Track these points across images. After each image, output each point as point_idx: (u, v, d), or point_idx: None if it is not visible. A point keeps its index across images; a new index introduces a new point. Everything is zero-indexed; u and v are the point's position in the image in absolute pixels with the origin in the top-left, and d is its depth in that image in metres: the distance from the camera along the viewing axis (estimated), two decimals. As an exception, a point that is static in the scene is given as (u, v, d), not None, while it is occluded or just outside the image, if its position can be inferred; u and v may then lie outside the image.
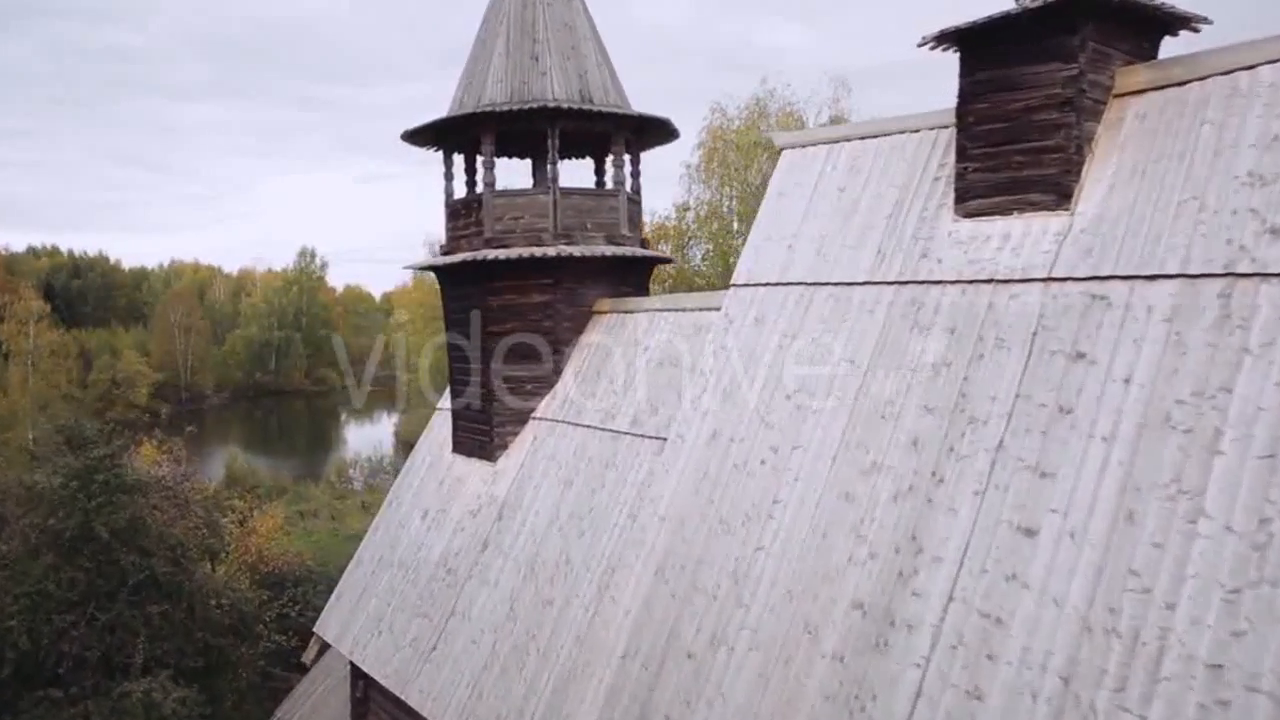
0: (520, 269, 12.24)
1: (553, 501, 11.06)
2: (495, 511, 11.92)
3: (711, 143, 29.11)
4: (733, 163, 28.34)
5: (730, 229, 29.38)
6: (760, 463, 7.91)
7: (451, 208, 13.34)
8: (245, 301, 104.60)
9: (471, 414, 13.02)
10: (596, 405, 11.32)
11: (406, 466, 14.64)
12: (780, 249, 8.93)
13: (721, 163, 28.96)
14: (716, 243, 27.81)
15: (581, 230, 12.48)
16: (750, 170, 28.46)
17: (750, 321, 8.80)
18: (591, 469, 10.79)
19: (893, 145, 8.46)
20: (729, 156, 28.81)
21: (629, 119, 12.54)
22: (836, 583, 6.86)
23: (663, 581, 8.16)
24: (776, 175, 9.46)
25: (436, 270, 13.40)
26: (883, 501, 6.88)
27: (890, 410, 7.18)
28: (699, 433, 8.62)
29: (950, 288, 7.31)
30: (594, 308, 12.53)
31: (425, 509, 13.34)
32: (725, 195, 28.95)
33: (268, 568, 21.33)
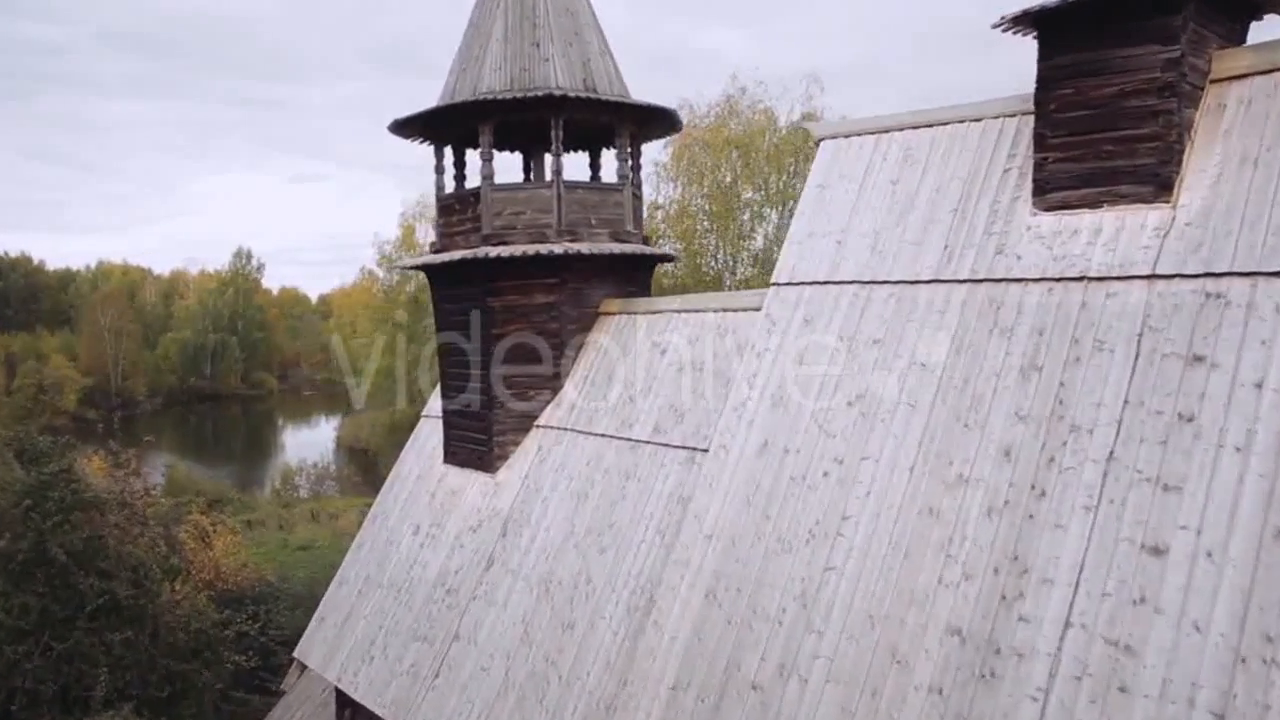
0: (523, 267, 11.50)
1: (565, 516, 10.35)
2: (499, 527, 11.15)
3: (681, 141, 28.55)
4: (702, 162, 27.83)
5: (699, 228, 28.88)
6: (823, 475, 7.33)
7: (443, 203, 12.53)
8: (178, 304, 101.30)
9: (467, 422, 12.24)
10: (610, 412, 10.64)
11: (391, 478, 13.76)
12: (828, 245, 8.37)
13: (691, 161, 28.44)
14: (687, 242, 27.26)
15: (586, 226, 11.79)
16: (721, 169, 28.00)
17: (798, 323, 8.23)
18: (609, 481, 10.11)
19: (951, 135, 7.96)
20: (699, 155, 28.31)
21: (635, 110, 11.88)
22: (926, 607, 6.30)
23: (715, 605, 7.53)
24: (817, 167, 8.91)
25: (427, 269, 12.58)
26: (974, 517, 6.35)
27: (974, 418, 6.66)
28: (746, 443, 8.01)
29: (1034, 286, 6.81)
30: (600, 308, 11.85)
31: (416, 524, 12.51)
32: (695, 194, 28.44)
33: (226, 584, 20.16)
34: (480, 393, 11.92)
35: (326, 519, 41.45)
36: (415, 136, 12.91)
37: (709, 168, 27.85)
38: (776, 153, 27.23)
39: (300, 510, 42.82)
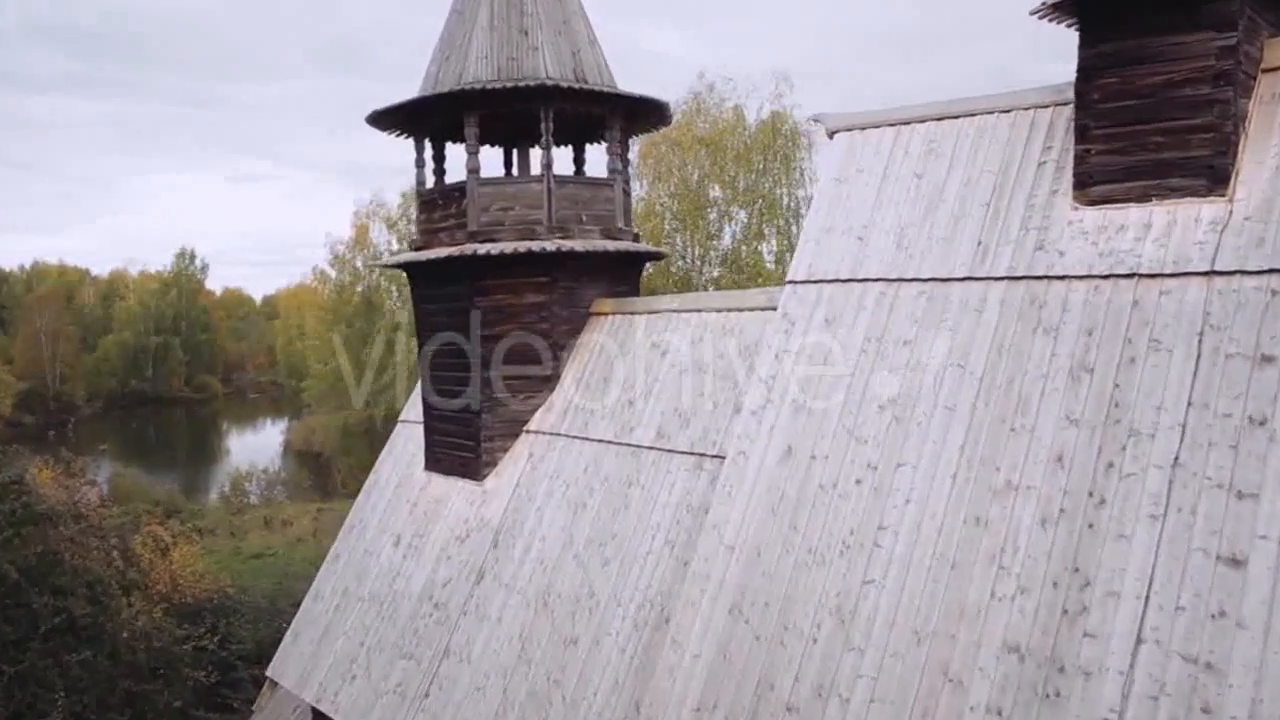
0: (512, 266, 10.99)
1: (562, 526, 9.87)
2: (489, 538, 10.63)
3: (648, 140, 28.14)
4: (670, 160, 27.44)
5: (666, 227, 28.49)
6: (855, 483, 6.96)
7: (425, 198, 11.97)
8: (118, 305, 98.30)
9: (452, 427, 11.69)
10: (608, 416, 10.18)
11: (367, 486, 13.14)
12: (848, 241, 8.01)
13: (659, 160, 28.03)
14: (654, 241, 26.84)
15: (577, 223, 11.32)
16: (688, 168, 27.65)
17: (819, 323, 7.85)
18: (610, 489, 9.65)
19: (979, 127, 7.65)
20: (666, 154, 27.92)
21: (627, 101, 11.44)
22: (979, 622, 5.96)
23: (740, 621, 7.12)
24: (833, 161, 8.54)
25: (408, 268, 12.00)
26: (1026, 527, 6.02)
27: (1022, 422, 6.34)
28: (768, 450, 7.61)
29: (1078, 283, 6.52)
30: (592, 308, 11.38)
31: (397, 535, 11.92)
32: (661, 193, 28.04)
33: (183, 597, 19.28)
34: (466, 397, 11.38)
35: (280, 526, 40.33)
36: (393, 129, 12.33)
37: (676, 166, 27.48)
38: (745, 151, 26.95)
39: (252, 517, 41.61)
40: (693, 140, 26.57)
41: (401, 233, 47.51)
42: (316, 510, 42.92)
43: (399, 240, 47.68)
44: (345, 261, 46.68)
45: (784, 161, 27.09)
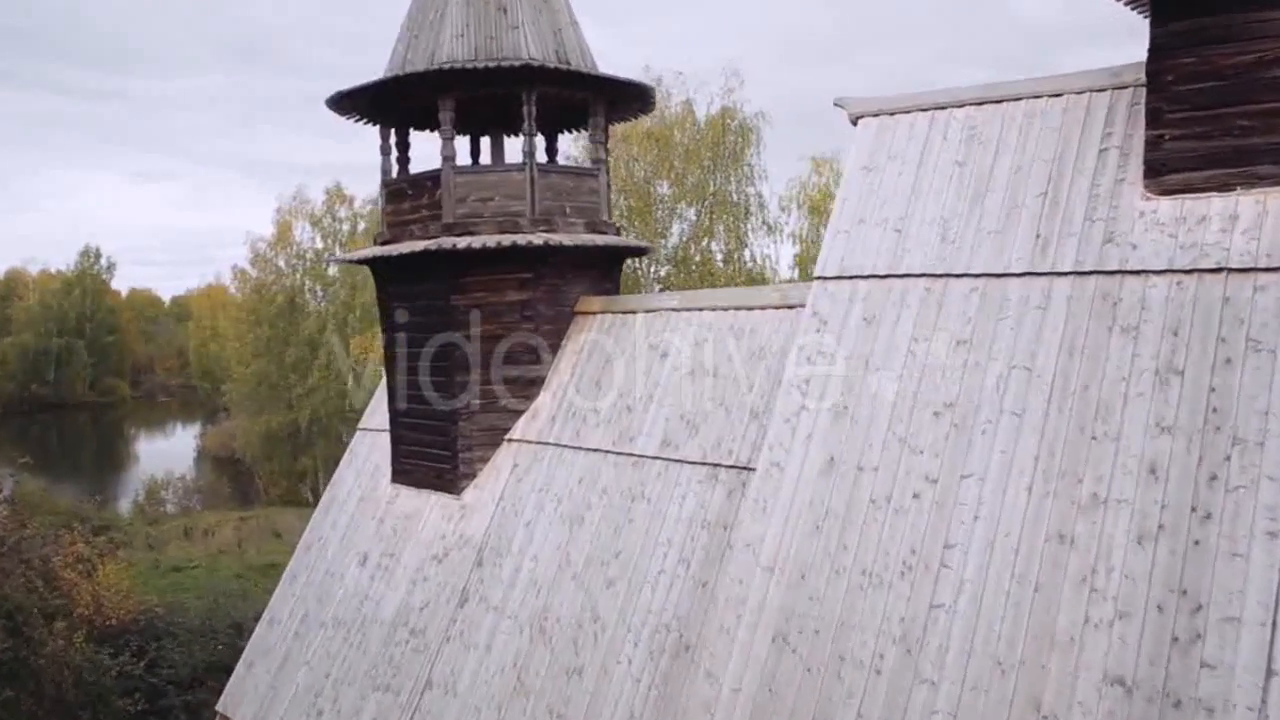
0: (494, 261, 10.15)
1: (557, 544, 9.08)
2: (471, 556, 9.77)
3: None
4: (616, 154, 26.68)
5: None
6: (913, 497, 6.36)
7: (393, 188, 11.03)
8: (17, 305, 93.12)
9: (424, 436, 10.78)
10: (604, 424, 9.42)
11: (326, 501, 12.12)
12: (884, 234, 7.43)
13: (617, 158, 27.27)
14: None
15: (561, 215, 10.53)
16: (635, 163, 26.95)
17: (856, 322, 7.24)
18: (610, 502, 8.90)
19: (1026, 112, 7.13)
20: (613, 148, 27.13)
21: (612, 85, 10.69)
22: (1073, 651, 5.41)
23: (787, 650, 6.45)
24: (859, 147, 7.95)
25: (375, 263, 11.04)
26: (1120, 544, 5.49)
27: (1104, 429, 5.81)
28: (807, 460, 6.97)
29: (1157, 278, 6.03)
30: (578, 307, 10.61)
31: (363, 554, 10.96)
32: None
33: (107, 620, 17.84)
34: (442, 402, 10.49)
35: (200, 536, 38.39)
36: (354, 113, 11.36)
37: (623, 161, 26.75)
38: (695, 147, 26.40)
39: (170, 527, 39.51)
40: (640, 135, 25.89)
41: (326, 229, 45.82)
42: (239, 519, 41.03)
43: (324, 238, 45.96)
44: (267, 260, 44.72)
45: (734, 158, 26.63)
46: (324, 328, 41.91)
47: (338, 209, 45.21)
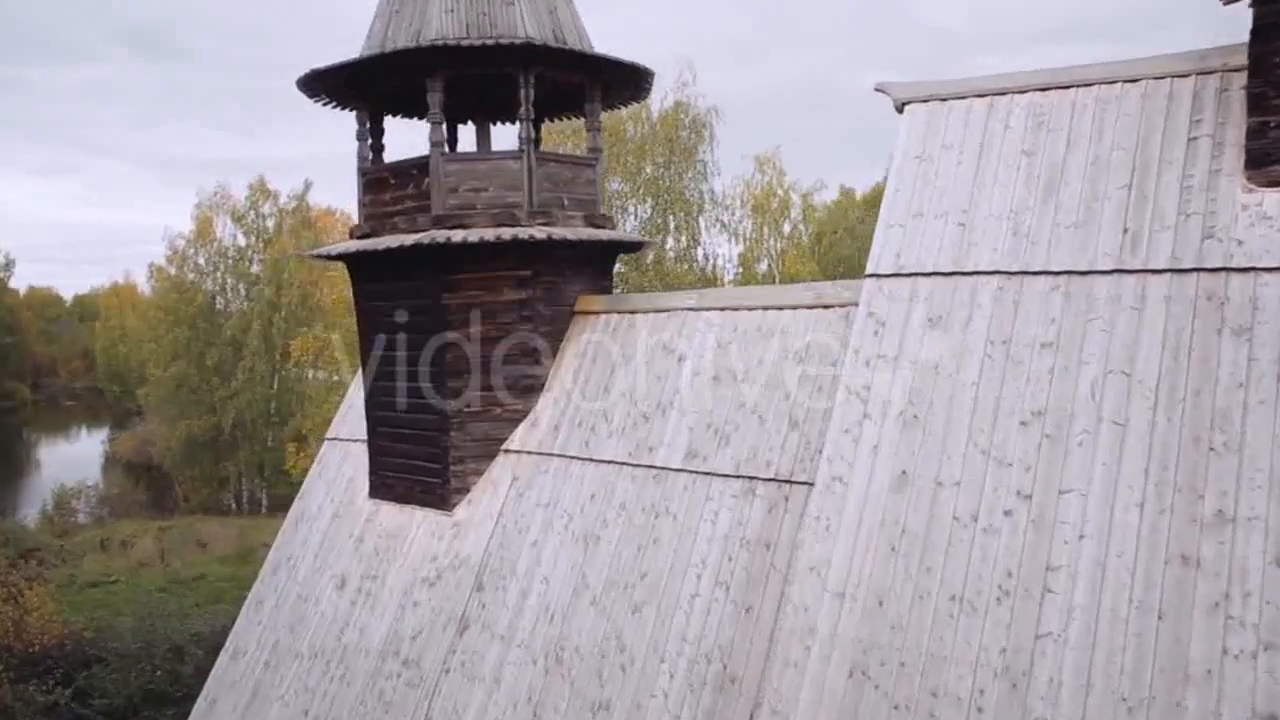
0: (489, 257, 9.33)
1: (571, 565, 8.32)
2: (469, 579, 8.95)
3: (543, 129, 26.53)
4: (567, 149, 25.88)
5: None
6: (1003, 514, 5.81)
7: (372, 177, 10.10)
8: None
9: (408, 447, 9.90)
10: (617, 434, 8.70)
11: (293, 518, 11.11)
12: (946, 227, 6.88)
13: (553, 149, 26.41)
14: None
15: (559, 208, 9.76)
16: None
17: (920, 323, 6.67)
18: (630, 520, 8.18)
19: (1100, 98, 6.66)
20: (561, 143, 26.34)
21: (611, 68, 9.95)
22: (1212, 685, 4.91)
23: (869, 686, 5.84)
24: (908, 135, 7.40)
25: (352, 259, 10.09)
26: (1256, 566, 5.02)
27: (1223, 440, 5.34)
28: (873, 475, 6.37)
29: (1269, 276, 5.59)
30: (577, 306, 9.85)
31: (341, 577, 10.02)
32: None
33: (30, 646, 16.38)
34: (429, 410, 9.63)
35: (118, 548, 36.29)
36: (325, 96, 10.40)
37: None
38: (647, 142, 25.74)
39: (84, 539, 37.26)
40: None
41: (249, 226, 43.86)
42: (159, 529, 38.94)
43: (246, 234, 43.97)
44: (186, 258, 42.56)
45: (687, 154, 26.06)
46: (248, 328, 40.03)
47: (262, 205, 43.31)
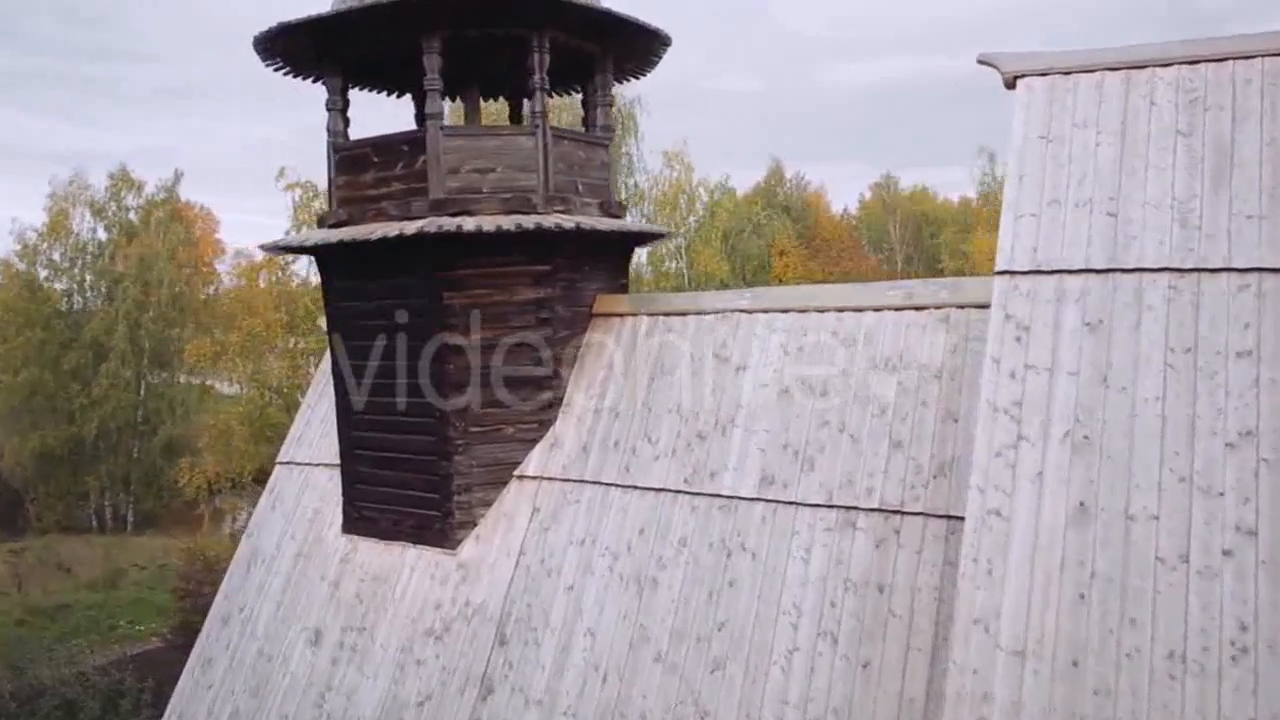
0: (499, 249, 7.95)
1: (623, 614, 7.05)
2: (488, 632, 7.54)
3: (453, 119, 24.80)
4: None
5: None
6: (1223, 554, 4.91)
7: (349, 154, 8.54)
8: None
9: (394, 474, 8.40)
10: (666, 456, 7.47)
11: (243, 558, 9.39)
12: (1092, 218, 5.96)
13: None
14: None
15: (574, 193, 8.45)
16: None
17: (1074, 328, 5.73)
18: (695, 558, 6.98)
19: (1267, 73, 5.87)
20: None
21: (630, 30, 8.64)
22: None
23: (1074, 768, 4.84)
24: (1028, 113, 6.45)
25: (323, 251, 8.49)
26: None
27: None
28: (1043, 507, 5.38)
29: None
30: (597, 308, 8.56)
31: (315, 630, 8.41)
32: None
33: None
34: (428, 430, 8.16)
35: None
36: (283, 60, 8.78)
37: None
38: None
39: (-81, 568, 33.00)
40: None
41: (111, 219, 40.09)
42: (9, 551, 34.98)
43: (108, 228, 40.18)
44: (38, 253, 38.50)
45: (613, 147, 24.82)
46: (112, 329, 36.46)
47: (125, 196, 39.61)
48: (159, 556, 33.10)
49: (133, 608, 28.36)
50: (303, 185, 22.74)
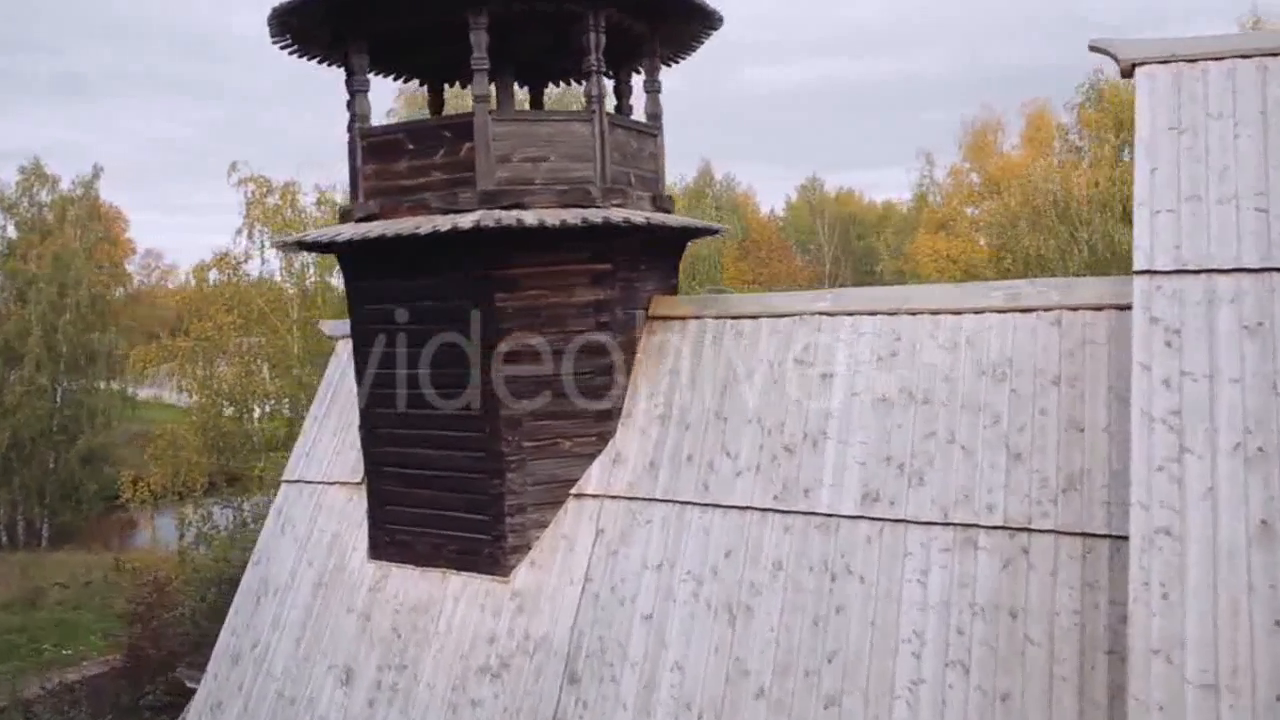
0: (555, 246, 7.26)
1: (714, 645, 6.44)
2: (555, 668, 6.85)
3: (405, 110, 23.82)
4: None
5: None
6: None
7: (378, 140, 7.73)
8: None
9: (434, 494, 7.63)
10: (748, 471, 6.88)
11: (249, 589, 8.48)
12: (1240, 214, 5.58)
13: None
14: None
15: (627, 185, 7.80)
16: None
17: (1232, 330, 5.34)
18: (794, 583, 6.40)
19: None
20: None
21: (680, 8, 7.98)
22: None
23: (1290, 815, 4.42)
24: (1152, 102, 6.06)
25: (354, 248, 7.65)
26: None
27: None
28: (1220, 526, 4.96)
29: None
30: (653, 310, 7.92)
31: (344, 668, 7.58)
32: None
33: None
34: (474, 445, 7.42)
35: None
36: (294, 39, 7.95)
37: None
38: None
39: None
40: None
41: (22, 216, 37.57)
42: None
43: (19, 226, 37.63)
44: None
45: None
46: (26, 333, 34.10)
47: (37, 191, 37.16)
48: (81, 574, 31.11)
49: (57, 630, 26.50)
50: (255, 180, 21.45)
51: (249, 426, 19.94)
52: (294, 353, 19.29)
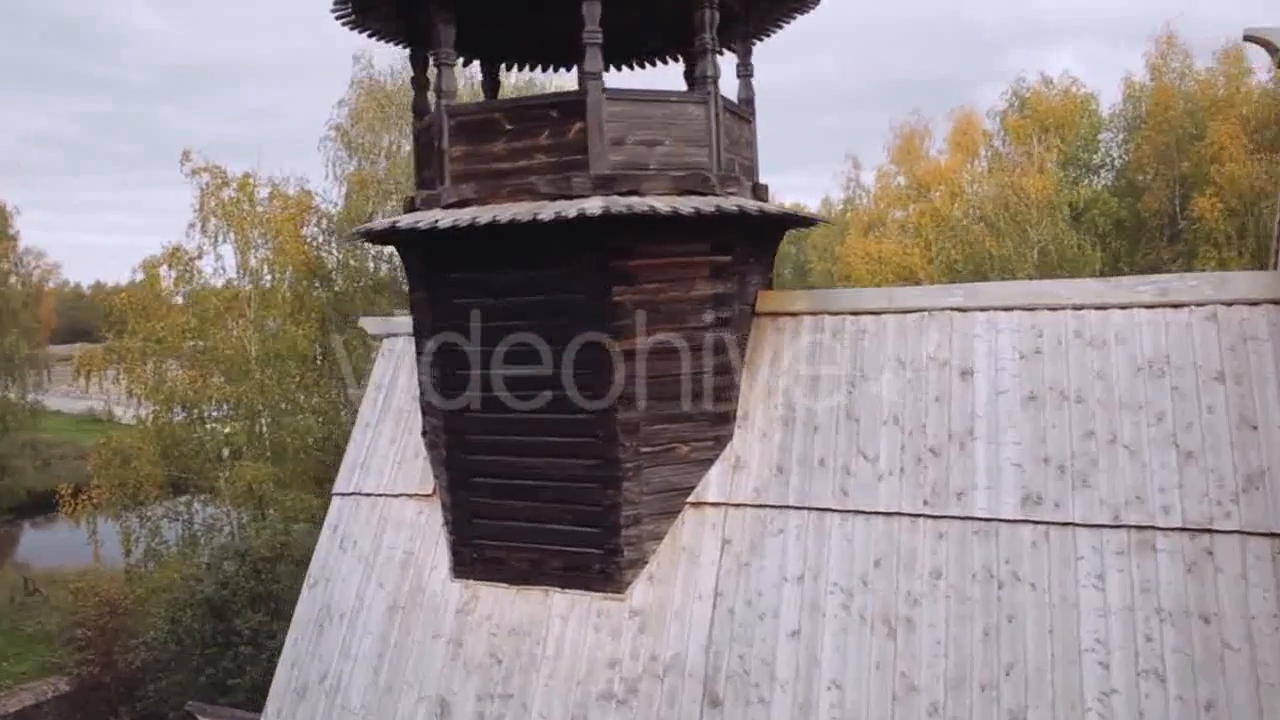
0: (671, 236, 6.76)
1: (874, 661, 6.06)
2: (692, 691, 6.35)
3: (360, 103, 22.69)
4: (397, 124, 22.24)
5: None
6: None
7: (472, 120, 7.06)
8: None
9: (532, 505, 7.03)
10: (891, 475, 6.52)
11: (308, 617, 7.68)
12: None
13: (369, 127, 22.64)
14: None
15: (735, 171, 7.36)
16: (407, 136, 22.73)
17: None
18: (957, 592, 6.07)
19: None
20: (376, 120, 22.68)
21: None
22: None
23: None
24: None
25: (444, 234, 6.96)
26: None
27: None
28: None
29: None
30: (761, 306, 7.49)
31: (440, 698, 6.90)
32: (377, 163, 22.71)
33: None
34: (583, 451, 6.85)
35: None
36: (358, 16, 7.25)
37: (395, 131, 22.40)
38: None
39: None
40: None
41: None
42: None
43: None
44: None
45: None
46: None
47: None
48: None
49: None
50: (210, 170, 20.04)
51: (201, 433, 18.58)
52: (252, 356, 18.00)
